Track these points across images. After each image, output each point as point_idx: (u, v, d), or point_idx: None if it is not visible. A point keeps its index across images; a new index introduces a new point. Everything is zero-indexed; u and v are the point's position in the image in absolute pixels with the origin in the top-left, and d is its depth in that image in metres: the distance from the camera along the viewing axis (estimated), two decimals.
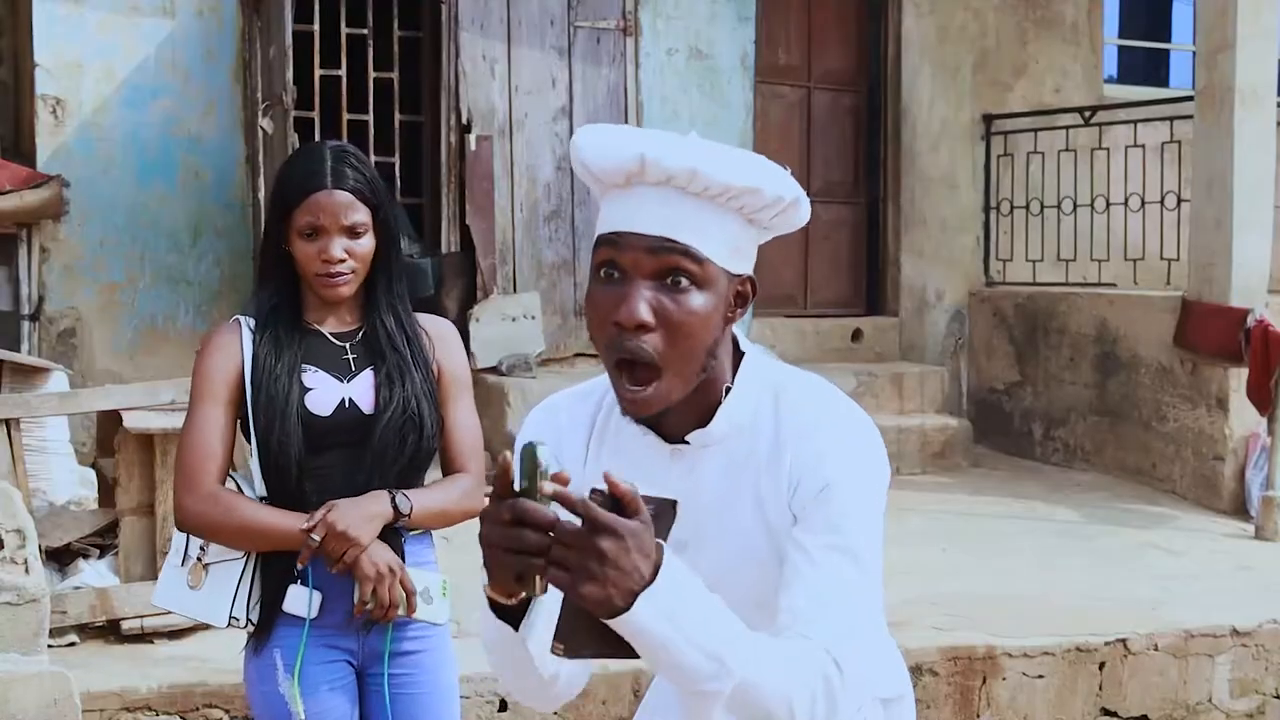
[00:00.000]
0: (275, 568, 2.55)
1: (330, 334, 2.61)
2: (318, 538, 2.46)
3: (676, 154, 1.64)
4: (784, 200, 1.71)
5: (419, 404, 2.56)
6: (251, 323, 2.60)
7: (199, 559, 2.58)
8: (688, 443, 1.78)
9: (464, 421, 2.68)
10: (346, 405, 2.55)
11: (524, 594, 1.54)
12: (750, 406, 1.77)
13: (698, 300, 1.66)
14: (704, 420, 1.77)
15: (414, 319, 2.66)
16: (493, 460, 1.67)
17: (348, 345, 2.61)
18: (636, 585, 1.48)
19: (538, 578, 1.50)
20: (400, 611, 2.54)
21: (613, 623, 1.50)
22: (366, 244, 2.56)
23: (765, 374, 1.80)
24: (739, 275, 1.73)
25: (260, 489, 2.57)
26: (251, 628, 2.59)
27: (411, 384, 2.57)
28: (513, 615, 1.65)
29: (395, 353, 2.58)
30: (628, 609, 1.48)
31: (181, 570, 2.60)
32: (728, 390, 1.77)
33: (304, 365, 2.56)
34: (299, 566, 2.51)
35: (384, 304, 2.61)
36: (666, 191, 1.65)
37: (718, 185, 1.64)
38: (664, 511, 1.58)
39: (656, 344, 1.65)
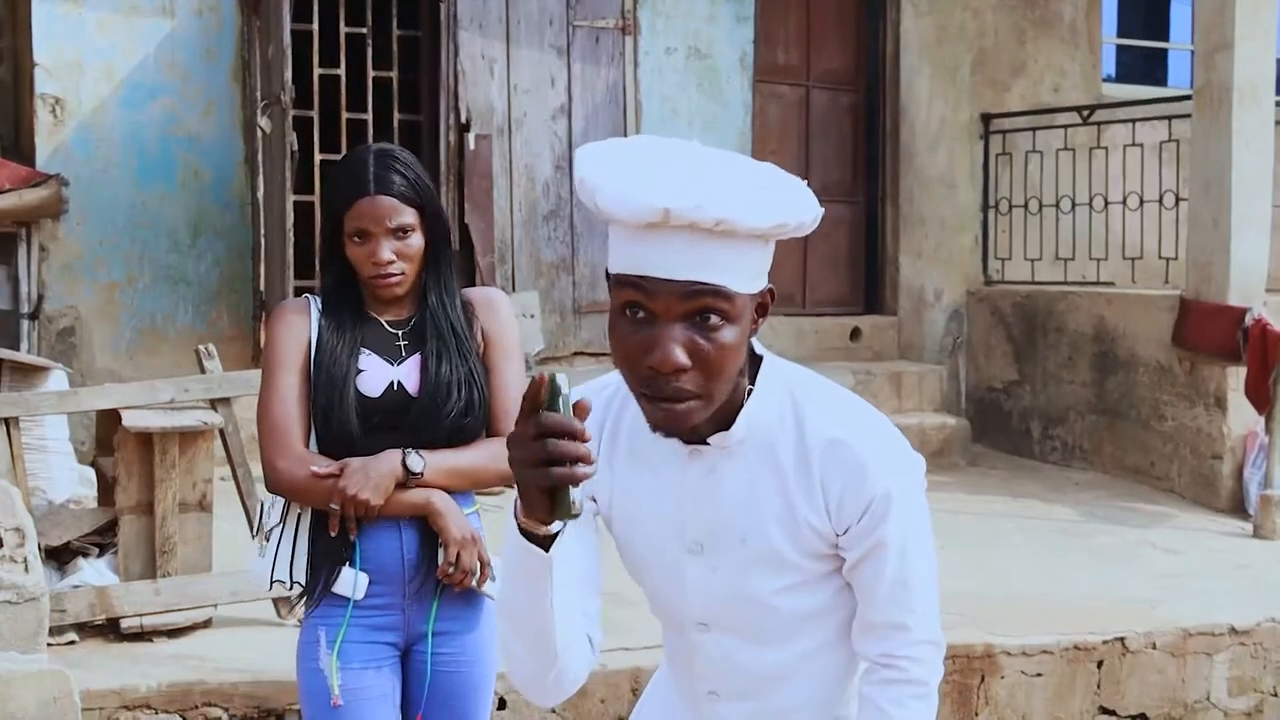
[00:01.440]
0: (328, 548, 2.63)
1: (386, 322, 2.71)
2: (336, 505, 2.56)
3: (702, 205, 1.59)
4: (805, 225, 1.71)
5: (460, 386, 2.65)
6: (320, 303, 2.72)
7: (260, 526, 2.72)
8: (708, 444, 1.79)
9: (509, 387, 2.75)
10: (395, 388, 2.65)
11: (558, 518, 1.59)
12: (773, 408, 1.79)
13: (729, 334, 1.67)
14: (724, 422, 1.78)
15: (460, 308, 2.74)
16: None
17: (400, 332, 2.71)
18: None
19: (573, 496, 1.56)
20: (473, 582, 2.63)
21: None
22: (415, 243, 2.66)
23: (784, 378, 1.83)
24: (760, 291, 1.73)
25: None
26: (298, 590, 2.68)
27: (453, 367, 2.66)
28: (541, 547, 1.68)
29: (440, 340, 2.68)
30: None
31: (257, 539, 2.74)
32: (748, 393, 1.78)
33: (362, 348, 2.67)
34: (351, 537, 2.60)
35: (434, 295, 2.71)
36: (691, 234, 1.62)
37: (745, 229, 1.63)
38: None
39: (693, 381, 1.67)
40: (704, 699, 1.95)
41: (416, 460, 2.60)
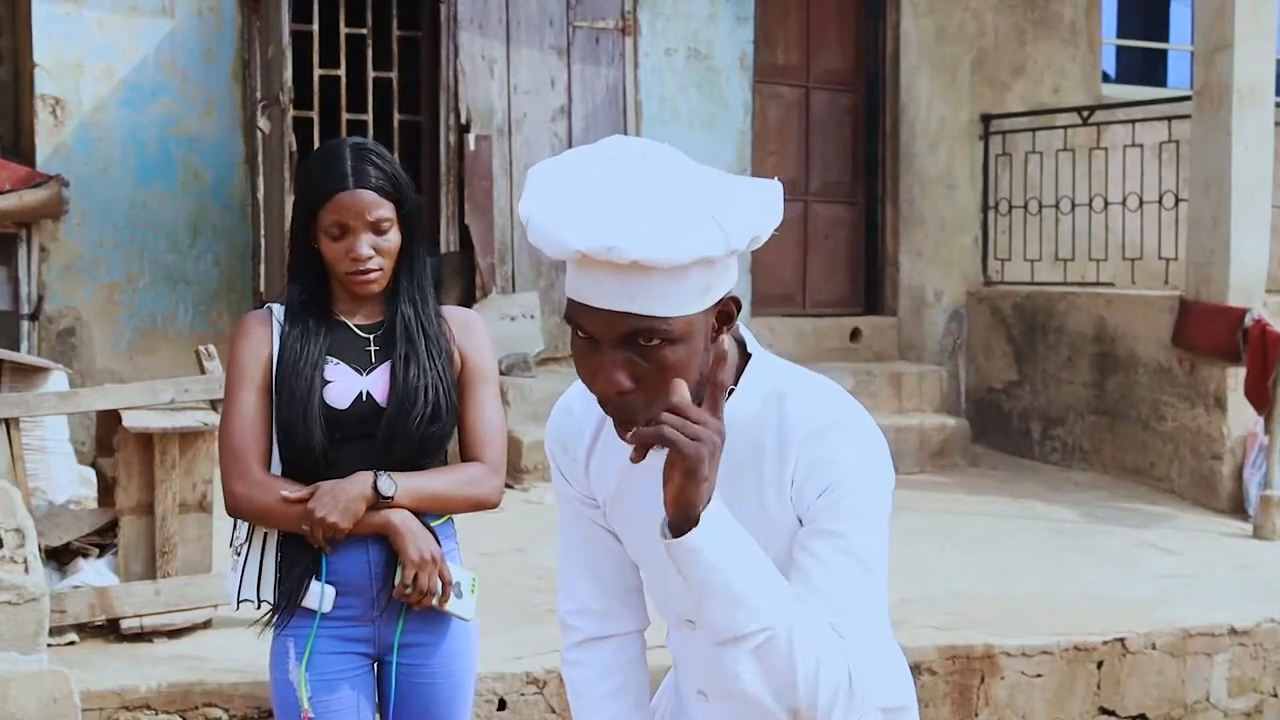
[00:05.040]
0: (298, 561, 2.60)
1: (356, 326, 2.65)
2: (306, 528, 2.52)
3: (614, 248, 1.57)
4: (739, 250, 1.64)
5: (431, 395, 2.59)
6: (282, 313, 2.65)
7: (231, 544, 2.69)
8: None
9: (483, 411, 2.70)
10: (364, 398, 2.59)
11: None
12: (754, 407, 1.78)
13: (672, 354, 1.64)
14: None
15: (434, 310, 2.68)
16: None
17: (371, 337, 2.65)
18: (705, 499, 1.62)
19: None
20: (434, 601, 2.58)
21: (677, 541, 1.62)
22: (392, 239, 2.60)
23: (771, 376, 1.80)
24: (717, 303, 1.69)
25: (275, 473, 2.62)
26: (266, 608, 2.64)
27: (424, 375, 2.59)
28: None
29: (410, 344, 2.61)
30: (696, 523, 1.61)
31: (230, 551, 2.71)
32: (731, 391, 1.77)
33: (328, 357, 2.60)
34: (326, 552, 2.58)
35: (405, 296, 2.64)
36: (614, 270, 1.60)
37: (666, 265, 1.59)
38: None
39: (641, 400, 1.66)
40: (694, 698, 1.96)
41: (388, 484, 2.55)
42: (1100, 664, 4.79)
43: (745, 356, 1.81)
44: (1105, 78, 10.14)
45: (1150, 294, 7.79)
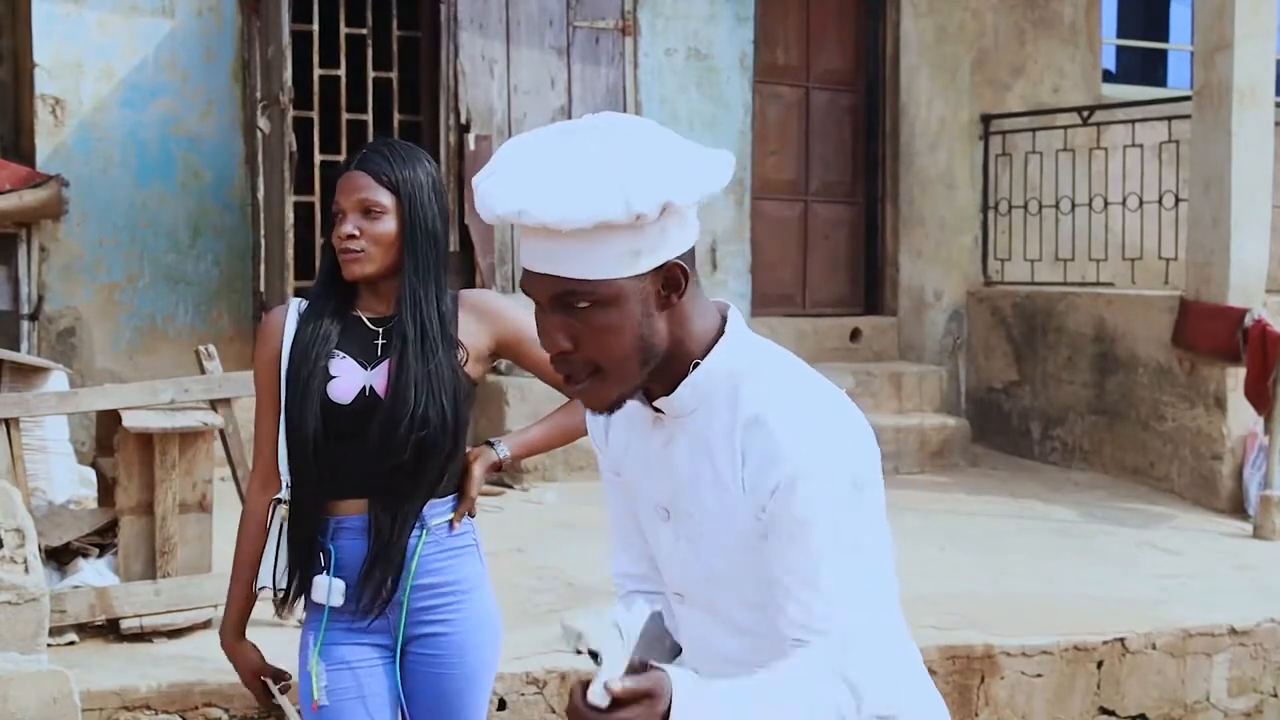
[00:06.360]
0: (301, 556, 2.63)
1: (369, 319, 2.66)
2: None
3: (524, 211, 1.63)
4: (649, 216, 1.64)
5: (417, 389, 2.57)
6: (303, 305, 2.69)
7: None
8: (661, 411, 1.82)
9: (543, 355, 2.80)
10: (367, 393, 2.60)
11: None
12: (712, 384, 1.77)
13: (603, 317, 1.68)
14: (671, 391, 1.79)
15: (443, 311, 2.65)
16: None
17: (380, 331, 2.65)
18: None
19: None
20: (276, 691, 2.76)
21: None
22: (384, 225, 2.59)
23: (738, 354, 1.79)
24: (656, 269, 1.69)
25: (283, 466, 2.66)
26: (281, 595, 2.69)
27: (420, 377, 2.58)
28: None
29: (404, 340, 2.59)
30: None
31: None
32: (697, 365, 1.77)
33: (336, 351, 2.62)
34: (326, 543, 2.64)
35: (408, 293, 2.62)
36: (536, 233, 1.67)
37: (571, 228, 1.63)
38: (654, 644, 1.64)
39: (584, 361, 1.72)
40: None
41: (503, 450, 2.74)
42: (1100, 664, 4.80)
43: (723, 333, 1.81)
44: (1107, 75, 10.14)
45: (1150, 294, 7.80)
